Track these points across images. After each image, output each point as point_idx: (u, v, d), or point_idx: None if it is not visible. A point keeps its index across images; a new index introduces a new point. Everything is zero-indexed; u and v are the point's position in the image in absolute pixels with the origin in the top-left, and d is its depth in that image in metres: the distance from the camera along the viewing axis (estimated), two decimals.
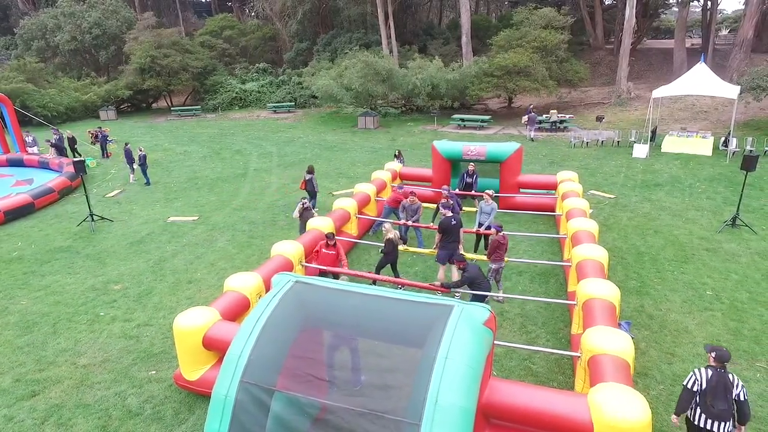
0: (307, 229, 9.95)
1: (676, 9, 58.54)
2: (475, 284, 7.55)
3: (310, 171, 13.74)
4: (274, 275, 5.63)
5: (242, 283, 7.24)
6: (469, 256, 9.52)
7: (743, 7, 35.69)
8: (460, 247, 9.07)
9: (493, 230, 8.49)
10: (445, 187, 11.65)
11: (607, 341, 5.50)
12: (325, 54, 37.76)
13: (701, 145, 19.53)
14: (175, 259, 10.93)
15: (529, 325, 8.03)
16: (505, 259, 8.76)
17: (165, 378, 6.93)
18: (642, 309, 8.38)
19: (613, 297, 6.62)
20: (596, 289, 6.70)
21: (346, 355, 5.21)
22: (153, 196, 15.89)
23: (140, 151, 17.96)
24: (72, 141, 21.97)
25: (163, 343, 7.75)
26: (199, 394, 6.44)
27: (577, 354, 5.99)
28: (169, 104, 39.38)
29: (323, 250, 8.64)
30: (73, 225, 13.25)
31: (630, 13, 28.53)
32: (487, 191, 10.56)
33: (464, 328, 4.46)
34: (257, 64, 41.02)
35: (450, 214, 8.92)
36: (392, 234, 9.16)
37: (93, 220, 13.00)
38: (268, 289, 7.67)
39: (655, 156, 19.21)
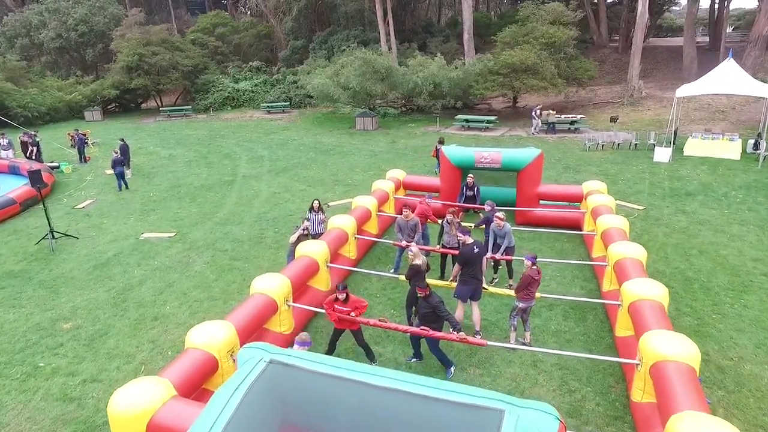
0: (296, 256, 8.35)
1: (677, 8, 57.46)
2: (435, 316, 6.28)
3: (441, 142, 16.30)
4: (240, 349, 4.03)
5: (208, 337, 5.61)
6: (493, 290, 7.88)
7: (757, 3, 34.30)
8: (484, 279, 7.47)
9: (527, 262, 6.89)
10: (489, 202, 9.75)
11: None
12: (321, 52, 36.16)
13: (728, 148, 18.00)
14: (142, 288, 9.32)
15: (572, 381, 6.46)
16: (537, 295, 7.18)
17: None
18: (707, 357, 6.81)
19: (692, 358, 5.06)
20: (669, 348, 5.11)
21: None
22: (128, 208, 14.26)
23: (114, 153, 16.50)
24: (24, 145, 20.13)
25: None
26: None
27: None
28: (159, 104, 37.68)
29: (337, 306, 6.51)
30: (32, 243, 11.61)
31: (643, 8, 27.02)
32: (497, 215, 8.78)
33: None
34: (251, 63, 39.34)
35: (470, 240, 7.30)
36: (420, 260, 7.49)
37: (54, 237, 11.37)
38: (243, 342, 6.08)
39: (679, 160, 17.67)
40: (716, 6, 39.61)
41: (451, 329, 6.32)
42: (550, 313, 8.05)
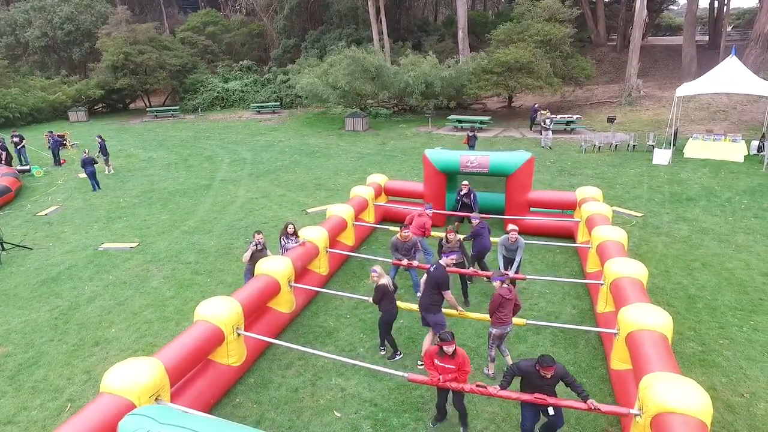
0: (255, 274, 7.50)
1: (675, 7, 56.64)
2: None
3: (473, 130, 17.82)
4: (123, 419, 3.17)
5: (129, 379, 4.73)
6: (471, 316, 6.98)
7: (758, 1, 33.50)
8: (455, 302, 6.56)
9: (495, 283, 6.00)
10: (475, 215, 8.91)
11: None
12: (313, 51, 35.33)
13: (731, 150, 17.16)
14: (90, 307, 8.45)
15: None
16: (515, 321, 6.29)
17: None
18: (715, 393, 5.95)
19: (703, 412, 4.19)
20: (676, 399, 4.23)
21: None
22: (93, 215, 13.39)
23: (84, 153, 15.83)
24: None
25: None
26: None
27: None
28: (147, 105, 36.82)
29: (437, 361, 5.17)
30: None
31: (641, 5, 26.19)
32: (512, 227, 7.95)
33: None
34: (241, 62, 38.48)
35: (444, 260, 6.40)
36: (385, 279, 6.61)
37: (4, 249, 10.50)
38: (175, 381, 5.22)
39: (679, 163, 16.84)
40: (716, 4, 38.88)
41: (579, 396, 4.84)
42: (536, 338, 7.19)
